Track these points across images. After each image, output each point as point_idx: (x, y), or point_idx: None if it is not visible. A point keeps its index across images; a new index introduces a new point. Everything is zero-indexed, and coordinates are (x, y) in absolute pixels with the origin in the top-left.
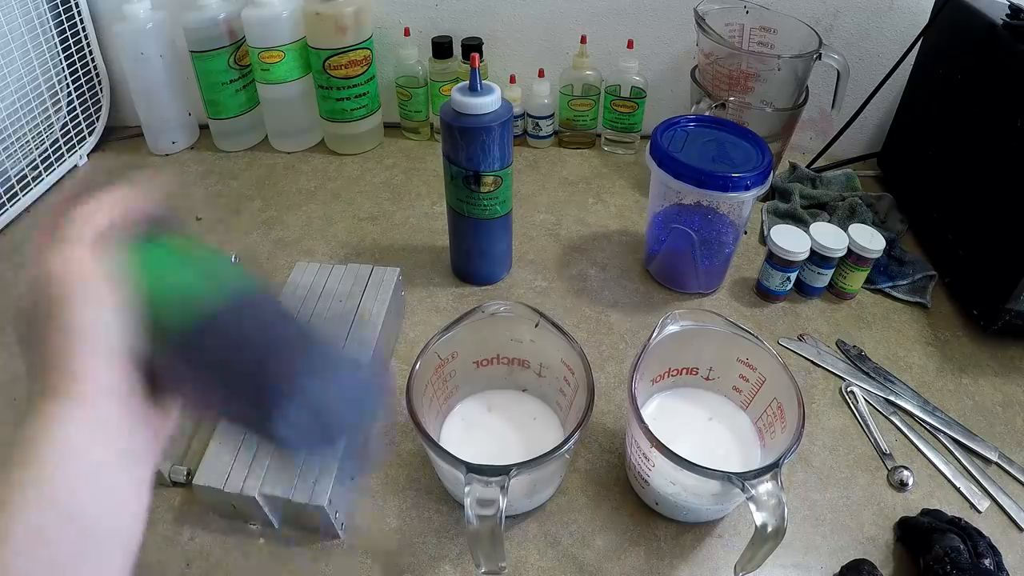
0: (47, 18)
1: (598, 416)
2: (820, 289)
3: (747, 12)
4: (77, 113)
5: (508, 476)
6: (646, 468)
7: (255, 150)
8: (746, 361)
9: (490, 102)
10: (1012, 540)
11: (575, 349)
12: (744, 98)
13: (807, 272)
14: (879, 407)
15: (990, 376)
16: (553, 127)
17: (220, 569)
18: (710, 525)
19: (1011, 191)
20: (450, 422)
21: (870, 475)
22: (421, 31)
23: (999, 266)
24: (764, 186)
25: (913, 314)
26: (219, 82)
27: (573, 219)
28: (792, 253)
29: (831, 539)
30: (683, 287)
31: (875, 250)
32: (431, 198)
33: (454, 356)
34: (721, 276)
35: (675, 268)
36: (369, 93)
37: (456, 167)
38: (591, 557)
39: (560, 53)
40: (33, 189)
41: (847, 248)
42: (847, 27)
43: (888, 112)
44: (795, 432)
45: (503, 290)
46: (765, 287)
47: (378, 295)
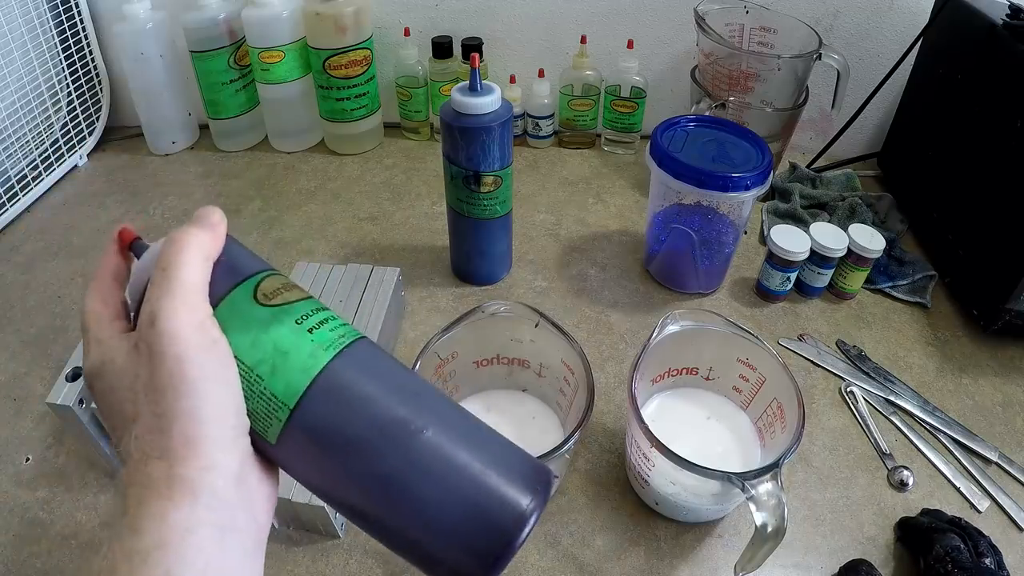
0: (47, 18)
1: (598, 416)
2: (820, 289)
3: (747, 12)
4: (77, 113)
5: None
6: (646, 468)
7: (255, 150)
8: (746, 361)
9: (490, 102)
10: (1012, 540)
11: (575, 349)
12: (744, 98)
13: (807, 272)
14: (879, 407)
15: (990, 376)
16: (553, 127)
17: None
18: (710, 525)
19: (1011, 191)
20: None
21: (870, 475)
22: (421, 31)
23: (999, 266)
24: (764, 186)
25: (913, 314)
26: (219, 82)
27: (573, 219)
28: (792, 253)
29: (831, 539)
30: (683, 287)
31: (875, 250)
32: (431, 198)
33: (454, 356)
34: (721, 276)
35: (675, 268)
36: (369, 93)
37: (456, 167)
38: (591, 557)
39: (560, 53)
40: (33, 189)
41: (847, 248)
42: (847, 27)
43: (888, 112)
44: (795, 432)
45: (503, 290)
46: (765, 287)
47: (378, 295)
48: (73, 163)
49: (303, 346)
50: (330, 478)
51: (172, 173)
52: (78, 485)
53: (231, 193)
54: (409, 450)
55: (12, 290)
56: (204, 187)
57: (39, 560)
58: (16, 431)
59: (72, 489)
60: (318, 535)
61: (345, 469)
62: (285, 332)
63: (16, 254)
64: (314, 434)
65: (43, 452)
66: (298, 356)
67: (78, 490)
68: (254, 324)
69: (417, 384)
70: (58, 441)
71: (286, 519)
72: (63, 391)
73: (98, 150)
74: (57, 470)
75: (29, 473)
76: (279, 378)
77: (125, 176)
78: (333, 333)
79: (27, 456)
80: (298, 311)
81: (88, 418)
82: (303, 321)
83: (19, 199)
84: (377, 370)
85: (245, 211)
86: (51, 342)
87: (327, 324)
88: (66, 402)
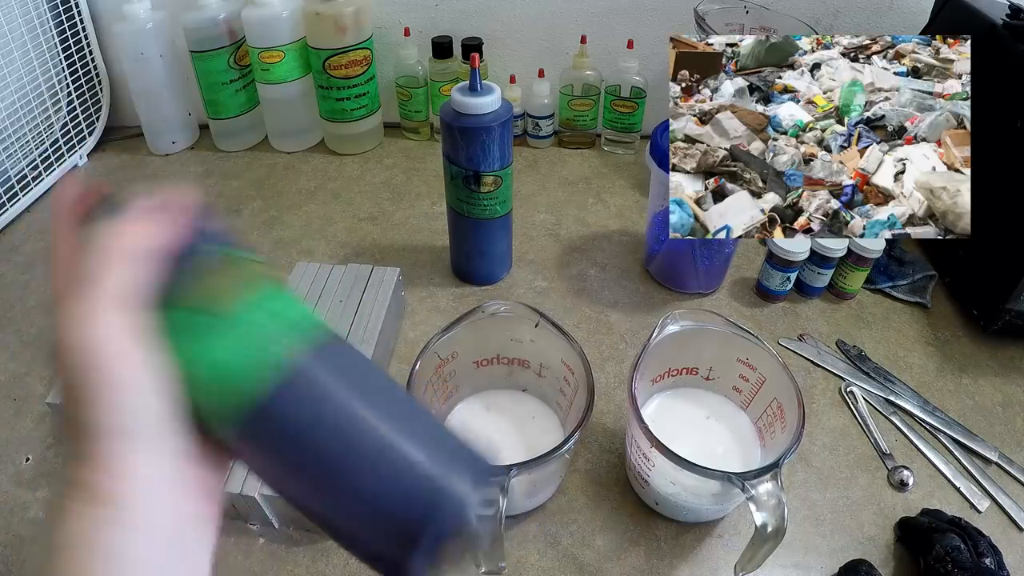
0: (47, 18)
1: (598, 416)
2: (820, 289)
3: (747, 12)
4: (77, 113)
5: (508, 476)
6: (646, 468)
7: (255, 150)
8: (746, 361)
9: (490, 102)
10: (1012, 540)
11: (575, 349)
12: None
13: (807, 272)
14: (879, 407)
15: (990, 376)
16: (553, 127)
17: (220, 569)
18: (710, 525)
19: (1011, 191)
20: (450, 422)
21: (870, 475)
22: (421, 31)
23: (999, 266)
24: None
25: (913, 314)
26: (219, 82)
27: (573, 219)
28: (792, 253)
29: (831, 539)
30: (683, 287)
31: (875, 250)
32: (431, 198)
33: (454, 356)
34: (721, 276)
35: (675, 268)
36: (369, 93)
37: (456, 167)
38: (591, 557)
39: (560, 53)
40: (33, 189)
41: (847, 248)
42: (847, 27)
43: None
44: (795, 432)
45: (503, 290)
46: (765, 287)
47: (378, 295)
48: (73, 163)
49: (254, 342)
50: (277, 471)
51: (172, 173)
52: None
53: (231, 193)
54: (352, 439)
55: (12, 290)
56: (204, 187)
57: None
58: (16, 431)
59: None
60: (318, 535)
61: (292, 462)
62: (234, 330)
63: (16, 254)
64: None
65: (43, 452)
66: (246, 353)
67: None
68: (197, 322)
69: (377, 379)
70: (58, 441)
71: (286, 519)
72: None
73: (98, 150)
74: (57, 470)
75: (29, 473)
76: (223, 377)
77: (125, 176)
78: (287, 328)
79: (27, 456)
80: (252, 305)
81: None
82: (257, 313)
83: (19, 199)
84: (336, 367)
85: (245, 211)
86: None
87: (282, 317)
88: None
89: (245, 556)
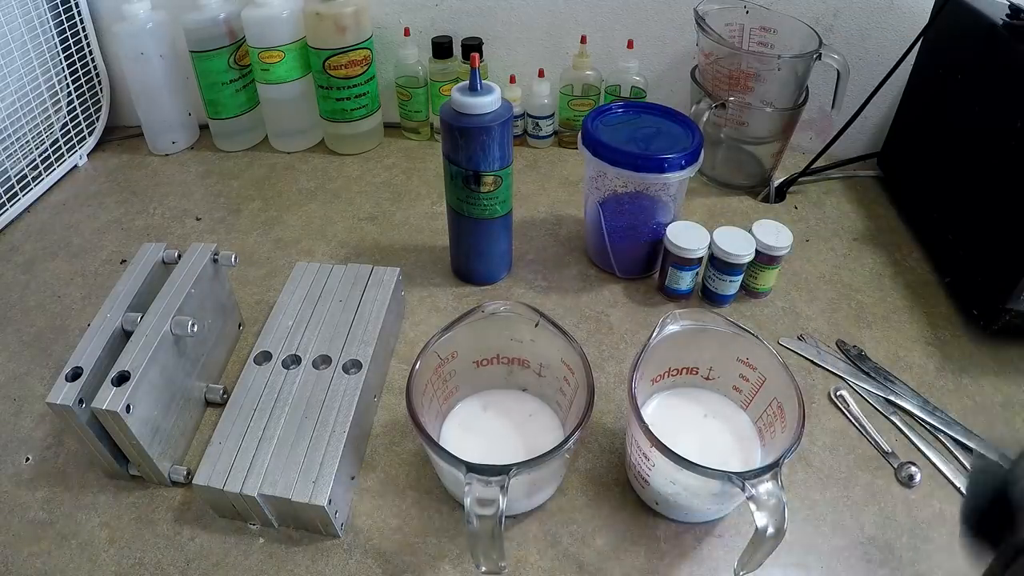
0: (47, 18)
1: (598, 416)
2: (730, 296)
3: (747, 12)
4: (77, 113)
5: (508, 476)
6: (646, 468)
7: (255, 150)
8: (746, 361)
9: (490, 102)
10: None
11: (575, 349)
12: (744, 98)
13: (715, 281)
14: (879, 407)
15: (990, 376)
16: (553, 127)
17: (220, 569)
18: (710, 525)
19: (1011, 191)
20: (450, 422)
21: (870, 475)
22: (421, 31)
23: (999, 266)
24: (696, 165)
25: (913, 314)
26: (219, 82)
27: (573, 219)
28: (691, 252)
29: (831, 539)
30: (609, 267)
31: (782, 247)
32: (431, 198)
33: (454, 356)
34: (644, 260)
35: (596, 246)
36: (369, 93)
37: (456, 167)
38: (591, 557)
39: (560, 53)
40: (33, 189)
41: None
42: (847, 27)
43: (888, 112)
44: (795, 432)
45: (503, 290)
46: (672, 289)
47: (378, 295)
48: (73, 163)
49: None
50: None
51: (172, 173)
52: (78, 485)
53: (231, 193)
54: None
55: (12, 290)
56: (204, 187)
57: (39, 560)
58: (16, 431)
59: (72, 489)
60: (318, 535)
61: None
62: None
63: (16, 254)
64: None
65: (43, 452)
66: None
67: (78, 490)
68: None
69: None
70: (58, 441)
71: (286, 519)
72: (63, 391)
73: (98, 150)
74: (57, 470)
75: (29, 473)
76: None
77: (125, 176)
78: None
79: (27, 456)
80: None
81: (88, 418)
82: None
83: (19, 199)
84: None
85: (245, 211)
86: (51, 342)
87: None
88: (66, 402)
89: (245, 556)
